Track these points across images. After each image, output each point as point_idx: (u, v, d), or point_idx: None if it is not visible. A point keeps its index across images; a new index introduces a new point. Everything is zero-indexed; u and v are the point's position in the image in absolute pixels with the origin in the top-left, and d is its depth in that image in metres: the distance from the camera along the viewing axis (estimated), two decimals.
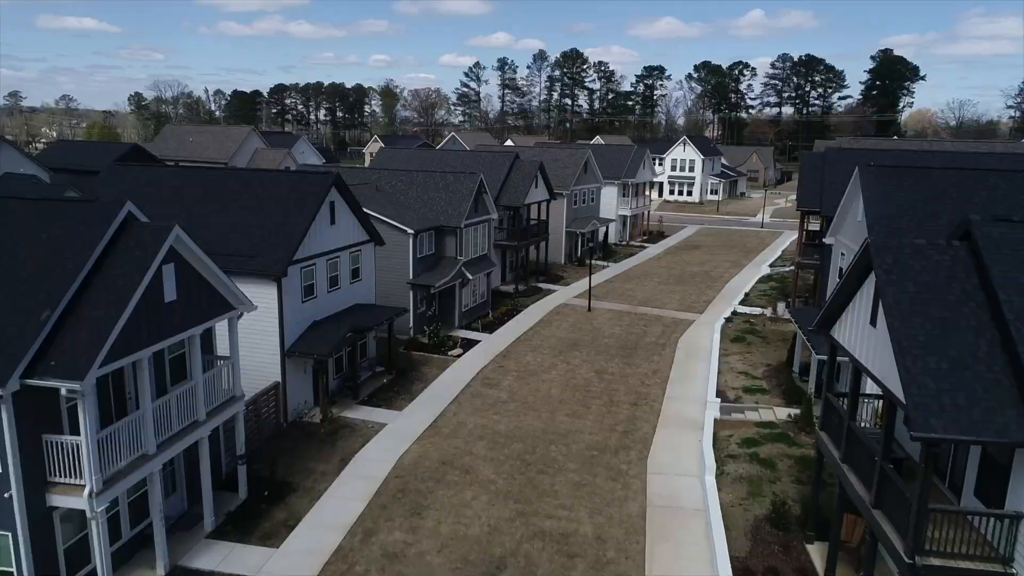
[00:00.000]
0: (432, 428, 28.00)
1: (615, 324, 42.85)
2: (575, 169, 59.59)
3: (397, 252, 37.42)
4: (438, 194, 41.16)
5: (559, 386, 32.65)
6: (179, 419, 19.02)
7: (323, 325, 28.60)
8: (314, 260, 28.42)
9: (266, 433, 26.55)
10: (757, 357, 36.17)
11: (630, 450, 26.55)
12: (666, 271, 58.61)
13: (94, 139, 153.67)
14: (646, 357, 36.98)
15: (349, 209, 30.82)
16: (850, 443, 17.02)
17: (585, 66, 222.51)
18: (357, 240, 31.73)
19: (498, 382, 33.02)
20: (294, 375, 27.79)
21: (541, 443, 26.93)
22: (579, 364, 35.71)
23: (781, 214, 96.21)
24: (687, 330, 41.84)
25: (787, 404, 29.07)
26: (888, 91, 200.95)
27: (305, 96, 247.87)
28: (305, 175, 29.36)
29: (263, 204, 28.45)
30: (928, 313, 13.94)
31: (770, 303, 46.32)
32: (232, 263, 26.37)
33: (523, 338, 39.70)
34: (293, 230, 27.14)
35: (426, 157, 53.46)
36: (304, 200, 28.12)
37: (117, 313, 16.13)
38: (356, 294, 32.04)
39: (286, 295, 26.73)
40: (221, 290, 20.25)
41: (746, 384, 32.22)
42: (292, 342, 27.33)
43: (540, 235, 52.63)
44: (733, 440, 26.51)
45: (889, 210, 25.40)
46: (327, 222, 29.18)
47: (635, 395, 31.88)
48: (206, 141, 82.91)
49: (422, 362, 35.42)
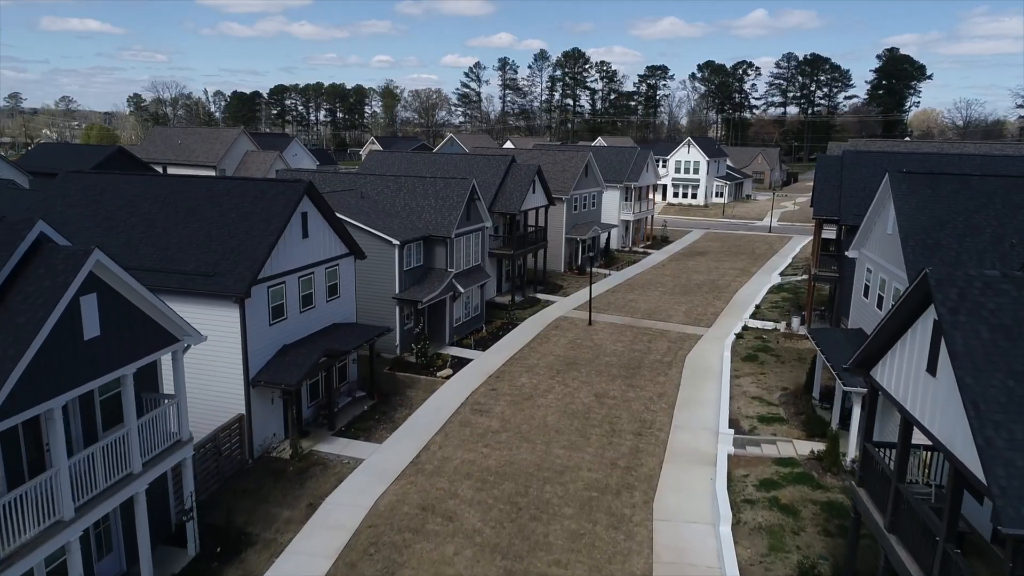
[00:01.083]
0: (414, 465, 25.22)
1: (617, 340, 40.04)
2: (575, 172, 56.78)
3: (382, 265, 34.66)
4: (427, 201, 38.38)
5: (556, 413, 29.85)
6: (108, 473, 16.24)
7: (294, 350, 25.83)
8: (283, 278, 25.65)
9: (228, 471, 23.79)
10: (772, 379, 33.31)
11: (634, 491, 23.74)
12: (671, 280, 55.76)
13: (92, 141, 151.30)
14: (651, 378, 34.16)
15: (325, 220, 28.05)
16: (899, 510, 14.21)
17: (587, 66, 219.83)
18: (334, 254, 28.95)
19: (489, 408, 30.23)
20: (261, 406, 25.02)
21: (535, 482, 24.13)
22: (578, 387, 32.90)
23: (789, 217, 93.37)
24: (694, 347, 39.02)
25: (808, 436, 26.22)
26: (895, 91, 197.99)
27: (305, 97, 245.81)
28: (274, 183, 26.62)
29: (227, 216, 25.71)
30: (1010, 366, 11.13)
31: (783, 316, 43.46)
32: (190, 282, 23.75)
33: (518, 356, 36.90)
34: (258, 245, 24.38)
35: (417, 161, 50.70)
36: (271, 211, 25.36)
37: (16, 356, 13.38)
38: (334, 313, 29.27)
39: (250, 318, 23.97)
40: (161, 320, 17.47)
41: (761, 412, 29.37)
42: (258, 370, 24.57)
43: (538, 243, 49.83)
44: (750, 481, 23.67)
45: (926, 223, 22.58)
46: (298, 235, 26.41)
47: (639, 423, 29.08)
48: (195, 143, 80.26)
49: (408, 384, 32.64)
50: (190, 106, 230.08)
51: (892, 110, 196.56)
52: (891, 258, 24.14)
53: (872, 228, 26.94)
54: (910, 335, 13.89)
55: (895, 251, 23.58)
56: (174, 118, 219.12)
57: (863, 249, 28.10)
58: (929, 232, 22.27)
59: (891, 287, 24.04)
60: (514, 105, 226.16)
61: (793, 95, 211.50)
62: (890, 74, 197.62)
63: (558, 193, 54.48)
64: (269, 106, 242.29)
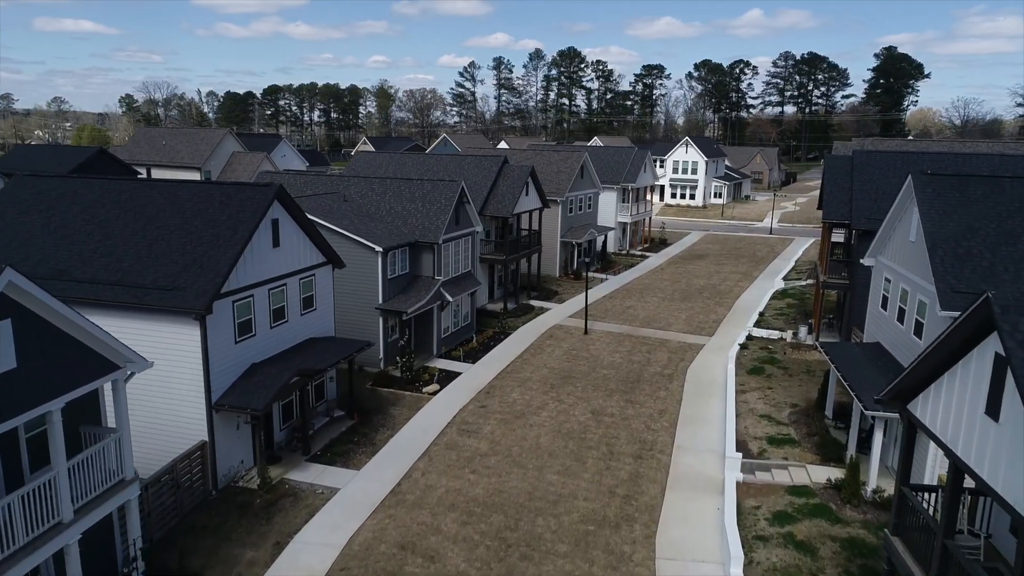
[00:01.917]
0: (394, 494, 23.09)
1: (615, 350, 37.95)
2: (570, 174, 54.70)
3: (364, 273, 32.54)
4: (414, 205, 36.26)
5: (550, 433, 27.76)
6: (29, 525, 14.10)
7: (264, 369, 23.69)
8: (251, 291, 23.50)
9: (189, 505, 21.64)
10: (780, 394, 31.24)
11: (634, 523, 21.65)
12: (670, 285, 53.69)
13: (84, 142, 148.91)
14: (651, 393, 32.08)
15: (298, 227, 25.92)
16: (946, 569, 12.12)
17: (583, 65, 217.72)
18: (310, 263, 26.82)
19: (478, 428, 28.12)
20: (226, 431, 22.87)
21: (526, 514, 22.03)
22: (574, 403, 30.81)
23: (789, 219, 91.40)
24: (696, 357, 36.95)
25: (823, 461, 24.13)
26: (893, 89, 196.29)
27: (299, 97, 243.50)
28: (242, 187, 24.48)
29: (190, 224, 23.56)
30: None
31: (789, 325, 41.40)
32: (147, 297, 21.61)
33: (510, 369, 34.80)
34: (222, 256, 22.23)
35: (406, 162, 48.58)
36: (238, 218, 23.22)
37: None
38: (310, 327, 27.14)
39: (213, 336, 21.82)
40: (96, 346, 15.33)
41: (770, 432, 27.29)
42: (222, 392, 22.41)
43: (532, 247, 47.75)
44: (761, 514, 21.58)
45: (955, 230, 20.52)
46: (268, 244, 24.27)
47: (639, 444, 26.99)
48: (179, 144, 77.96)
49: (392, 402, 30.52)
50: (183, 107, 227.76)
51: (890, 109, 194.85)
52: (915, 268, 22.10)
53: (891, 234, 24.88)
54: (962, 368, 11.82)
55: (920, 261, 21.54)
56: (166, 119, 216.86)
57: (880, 257, 26.03)
58: (959, 240, 20.22)
59: (914, 299, 21.99)
60: (509, 105, 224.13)
61: (790, 94, 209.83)
62: (888, 73, 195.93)
63: (553, 195, 52.42)
64: (263, 107, 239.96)
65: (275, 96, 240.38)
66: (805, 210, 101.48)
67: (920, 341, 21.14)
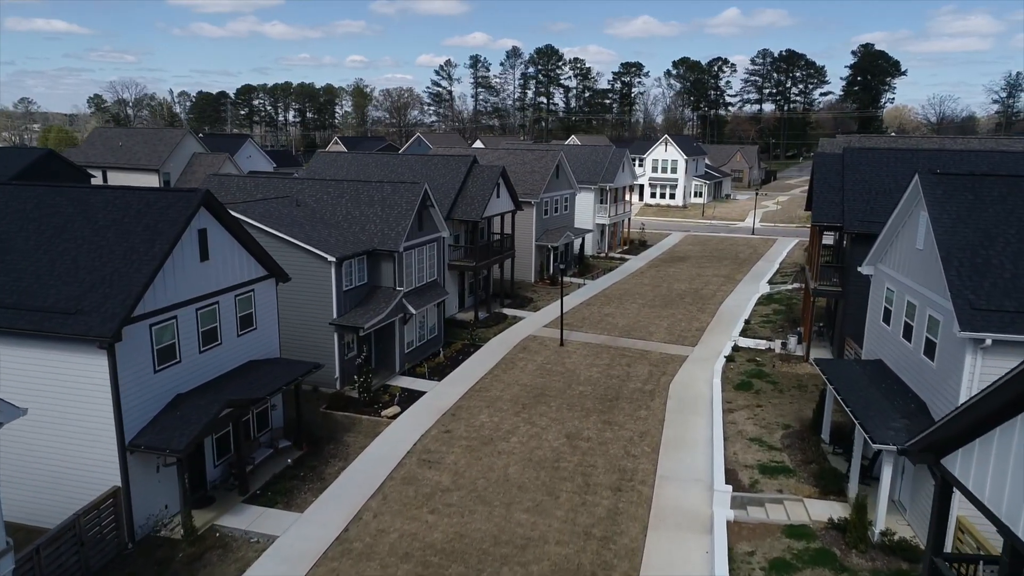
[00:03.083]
0: (340, 542, 20.27)
1: (592, 363, 35.36)
2: (545, 174, 52.04)
3: (316, 285, 29.64)
4: (372, 210, 33.38)
5: (520, 462, 25.07)
6: None
7: (190, 400, 20.75)
8: (173, 312, 20.55)
9: (98, 562, 18.68)
10: (771, 413, 28.78)
11: (612, 572, 19.03)
12: (650, 290, 51.22)
13: (50, 143, 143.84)
14: (631, 412, 29.51)
15: (232, 237, 22.99)
16: None
17: (561, 63, 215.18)
18: (248, 277, 23.90)
19: (440, 458, 25.36)
20: (144, 474, 19.90)
21: (490, 562, 19.32)
22: (547, 425, 28.16)
23: (771, 218, 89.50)
24: (679, 370, 34.46)
25: (822, 494, 21.63)
26: (870, 87, 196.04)
27: (273, 97, 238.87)
28: (163, 193, 21.49)
29: (102, 235, 20.58)
30: None
31: (776, 334, 39.01)
32: (48, 322, 18.63)
33: (479, 387, 32.08)
34: (135, 273, 19.28)
35: (369, 163, 45.61)
36: (156, 229, 20.27)
37: None
38: (250, 348, 24.22)
39: (125, 366, 18.87)
40: None
41: (762, 459, 24.78)
42: (138, 431, 19.45)
43: (504, 252, 45.04)
44: (756, 561, 19.02)
45: (970, 237, 18.11)
46: (194, 257, 21.33)
47: (618, 473, 24.38)
48: (136, 145, 74.26)
49: (347, 427, 27.68)
50: (153, 107, 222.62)
51: (868, 106, 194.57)
52: (924, 279, 19.68)
53: (894, 241, 22.44)
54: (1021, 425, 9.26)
55: (930, 271, 19.11)
56: (135, 119, 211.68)
57: (881, 265, 23.60)
58: (976, 249, 17.80)
59: (924, 315, 19.55)
60: (487, 104, 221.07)
61: (769, 92, 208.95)
62: (865, 70, 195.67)
63: (527, 196, 49.76)
64: (236, 106, 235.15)
65: (249, 96, 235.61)
66: (787, 209, 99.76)
67: (932, 364, 18.72)
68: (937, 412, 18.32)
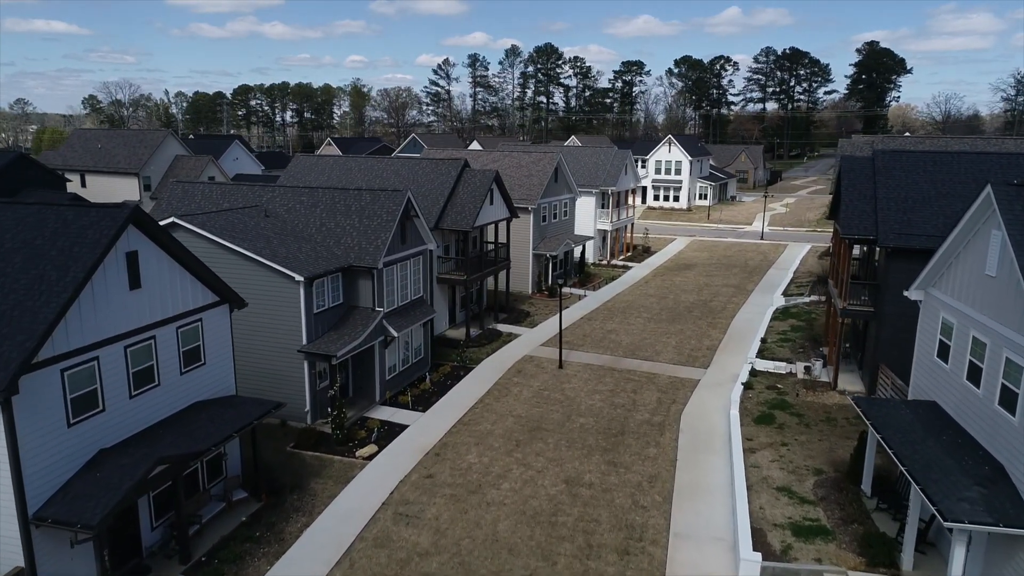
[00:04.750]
0: None
1: (594, 389, 31.97)
2: (542, 178, 48.64)
3: (282, 308, 26.27)
4: (349, 220, 29.99)
5: (511, 515, 21.68)
6: None
7: (115, 456, 17.37)
8: (94, 352, 17.17)
9: None
10: (798, 454, 25.34)
11: None
12: (656, 302, 47.79)
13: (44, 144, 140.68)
14: (638, 450, 26.12)
15: (172, 260, 19.59)
16: None
17: (560, 62, 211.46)
18: (193, 305, 20.51)
19: (420, 511, 21.95)
20: (53, 552, 16.50)
21: None
22: (543, 467, 24.77)
23: (779, 221, 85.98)
24: (691, 398, 31.07)
25: (870, 566, 18.19)
26: (875, 85, 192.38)
27: (271, 97, 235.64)
28: (85, 211, 18.06)
29: (7, 261, 17.18)
30: None
31: (796, 354, 35.49)
32: None
33: (468, 419, 28.70)
34: (41, 308, 15.89)
35: (352, 167, 42.18)
36: (71, 253, 16.88)
37: None
38: (197, 387, 20.85)
39: (26, 422, 15.50)
40: None
41: (793, 515, 21.32)
42: (45, 499, 16.07)
43: (499, 263, 41.65)
44: None
45: None
46: (122, 285, 17.95)
47: (625, 531, 20.98)
48: (116, 148, 70.87)
49: (316, 470, 24.30)
50: (149, 108, 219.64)
51: (873, 105, 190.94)
52: (997, 313, 16.27)
53: (954, 263, 19.01)
54: None
55: (1006, 304, 15.72)
56: (129, 119, 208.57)
57: (934, 291, 20.15)
58: None
59: (999, 357, 16.13)
60: (486, 103, 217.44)
61: (772, 90, 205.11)
62: (870, 68, 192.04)
63: (523, 202, 46.37)
64: (233, 107, 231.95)
65: (246, 96, 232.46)
66: (795, 211, 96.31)
67: (1014, 419, 15.32)
68: (1020, 478, 14.93)
